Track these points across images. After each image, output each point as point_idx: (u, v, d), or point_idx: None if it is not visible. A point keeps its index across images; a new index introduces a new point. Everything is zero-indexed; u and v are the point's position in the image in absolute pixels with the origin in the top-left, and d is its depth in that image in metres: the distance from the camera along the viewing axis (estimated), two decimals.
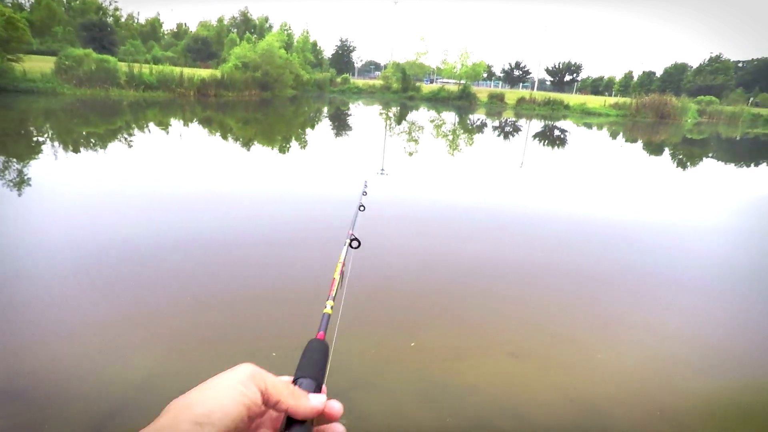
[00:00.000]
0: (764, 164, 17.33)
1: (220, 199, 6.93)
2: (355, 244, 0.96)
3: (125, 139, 12.29)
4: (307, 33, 52.41)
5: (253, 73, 31.75)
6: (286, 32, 47.44)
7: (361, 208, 1.00)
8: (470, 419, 2.69)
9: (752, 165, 16.81)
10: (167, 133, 14.32)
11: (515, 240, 5.95)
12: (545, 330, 3.73)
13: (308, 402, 0.48)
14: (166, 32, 65.86)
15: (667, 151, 18.81)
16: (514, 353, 3.37)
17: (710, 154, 19.01)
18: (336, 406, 0.51)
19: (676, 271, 5.25)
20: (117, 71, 23.94)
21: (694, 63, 69.39)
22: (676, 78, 70.28)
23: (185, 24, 70.22)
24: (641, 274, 5.08)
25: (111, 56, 25.74)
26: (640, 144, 21.61)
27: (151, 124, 16.01)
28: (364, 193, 1.36)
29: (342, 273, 0.84)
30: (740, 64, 74.12)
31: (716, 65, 66.34)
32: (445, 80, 58.41)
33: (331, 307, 0.73)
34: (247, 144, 13.25)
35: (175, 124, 16.96)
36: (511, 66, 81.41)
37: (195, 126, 16.90)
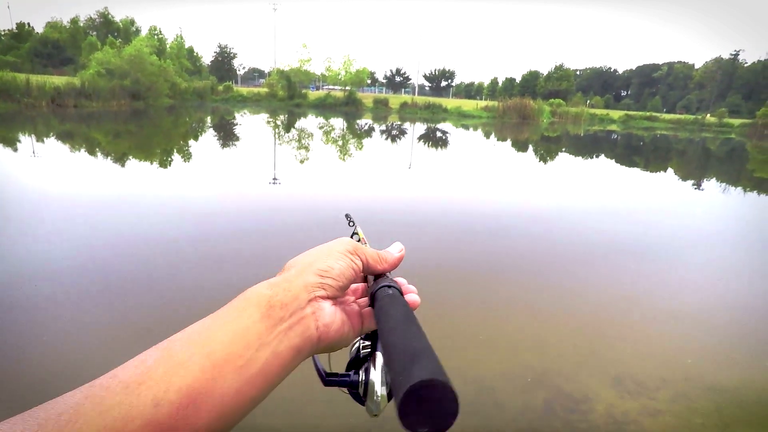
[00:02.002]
0: (603, 155, 20.81)
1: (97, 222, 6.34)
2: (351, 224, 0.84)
3: None
4: (181, 38, 48.88)
5: (121, 81, 28.76)
6: (156, 36, 43.71)
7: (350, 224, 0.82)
8: None
9: (594, 156, 20.08)
10: (15, 150, 12.42)
11: (415, 236, 6.45)
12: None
13: (392, 256, 0.55)
14: (2, 32, 56.13)
15: (531, 148, 21.54)
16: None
17: (563, 149, 22.21)
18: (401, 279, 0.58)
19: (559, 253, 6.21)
20: None
21: (544, 70, 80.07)
22: (531, 83, 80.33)
23: (28, 24, 60.41)
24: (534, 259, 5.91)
25: None
26: (509, 142, 24.36)
27: None
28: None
29: None
30: (578, 72, 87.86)
31: (560, 72, 77.31)
32: (330, 87, 58.97)
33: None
34: (120, 159, 12.09)
35: (25, 140, 14.73)
36: (392, 72, 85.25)
37: (52, 141, 14.86)
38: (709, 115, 57.38)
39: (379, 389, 0.46)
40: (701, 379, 3.47)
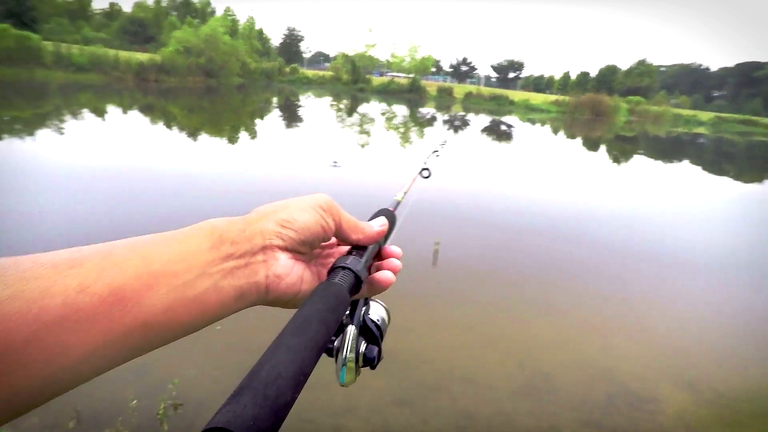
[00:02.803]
0: (687, 161, 19.10)
1: (175, 191, 6.69)
2: (425, 173, 0.91)
3: (56, 126, 11.41)
4: (253, 20, 50.63)
5: (197, 58, 30.35)
6: (230, 18, 45.58)
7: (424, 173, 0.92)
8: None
9: (676, 161, 18.47)
10: (104, 119, 13.45)
11: (480, 235, 6.25)
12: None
13: (371, 228, 0.50)
14: (96, 11, 61.04)
15: (603, 147, 20.22)
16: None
17: (640, 151, 20.62)
18: (395, 249, 0.54)
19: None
20: (41, 50, 22.01)
21: (623, 65, 74.63)
22: (608, 79, 75.17)
23: (118, 4, 65.35)
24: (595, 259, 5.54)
25: (33, 33, 23.61)
26: (579, 140, 23.03)
27: (85, 111, 14.93)
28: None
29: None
30: (662, 68, 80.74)
31: (642, 68, 71.68)
32: (394, 73, 58.76)
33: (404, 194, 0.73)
34: (193, 134, 12.74)
35: (113, 110, 15.93)
36: (458, 61, 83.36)
37: (135, 114, 15.97)
38: None
39: (345, 358, 0.49)
40: None
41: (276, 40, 69.37)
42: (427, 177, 0.91)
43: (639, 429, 2.73)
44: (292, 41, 71.78)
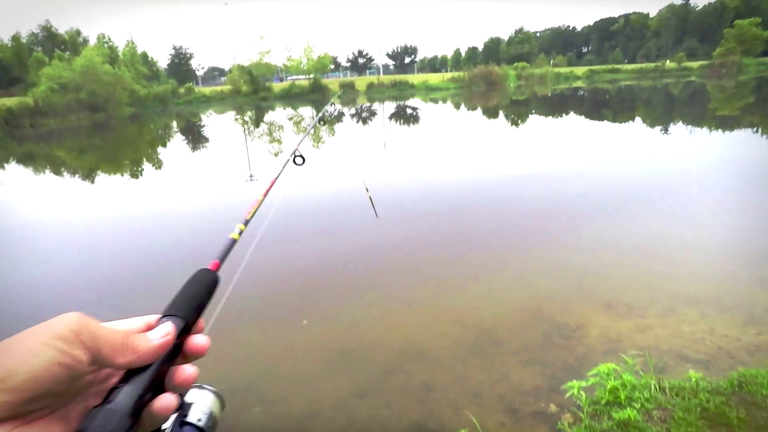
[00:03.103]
0: (572, 112, 21.05)
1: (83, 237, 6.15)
2: (299, 160, 0.79)
3: None
4: (133, 44, 46.97)
5: (76, 94, 27.62)
6: (106, 45, 41.91)
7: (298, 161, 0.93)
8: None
9: (563, 114, 20.31)
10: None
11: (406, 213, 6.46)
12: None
13: (148, 343, 0.39)
14: None
15: (501, 114, 21.65)
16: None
17: (533, 111, 22.38)
18: (200, 341, 0.44)
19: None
20: None
21: (505, 36, 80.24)
22: (494, 50, 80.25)
23: None
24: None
25: None
26: (479, 110, 24.42)
27: None
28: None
29: (265, 194, 0.72)
30: (538, 34, 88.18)
31: (521, 36, 77.36)
32: (294, 77, 57.79)
33: (241, 233, 0.61)
34: (89, 176, 11.69)
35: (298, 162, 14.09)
36: (355, 55, 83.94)
37: (13, 167, 14.24)
38: (668, 61, 58.42)
39: None
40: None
41: (163, 61, 65.00)
42: (301, 164, 0.83)
43: (573, 355, 3.08)
44: (180, 60, 67.63)
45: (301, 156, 0.85)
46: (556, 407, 2.60)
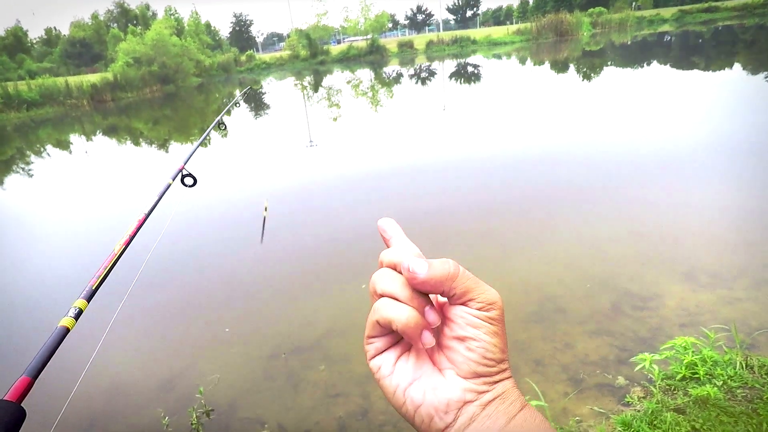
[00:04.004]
0: (654, 61, 18.96)
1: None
2: (189, 180, 0.68)
3: (23, 169, 11.17)
4: (197, 15, 48.62)
5: (149, 67, 29.32)
6: (173, 17, 43.73)
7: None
8: None
9: (643, 64, 18.34)
10: (70, 152, 13.14)
11: (471, 176, 6.29)
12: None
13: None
14: (34, 41, 58.20)
15: (572, 67, 20.01)
16: None
17: (609, 63, 20.43)
18: None
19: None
20: None
21: None
22: None
23: (55, 28, 62.06)
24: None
25: None
26: (547, 65, 22.74)
27: (49, 146, 14.55)
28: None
29: (131, 236, 0.58)
30: None
31: None
32: (352, 38, 57.05)
33: (78, 315, 0.51)
34: (163, 145, 12.52)
35: (76, 140, 15.54)
36: (413, 11, 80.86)
37: (100, 138, 15.59)
38: None
39: None
40: None
41: (225, 30, 66.84)
42: (192, 185, 0.62)
43: (645, 326, 2.88)
44: (241, 28, 69.14)
45: (191, 175, 0.64)
46: (625, 380, 2.46)
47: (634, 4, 60.60)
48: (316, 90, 22.86)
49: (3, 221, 7.03)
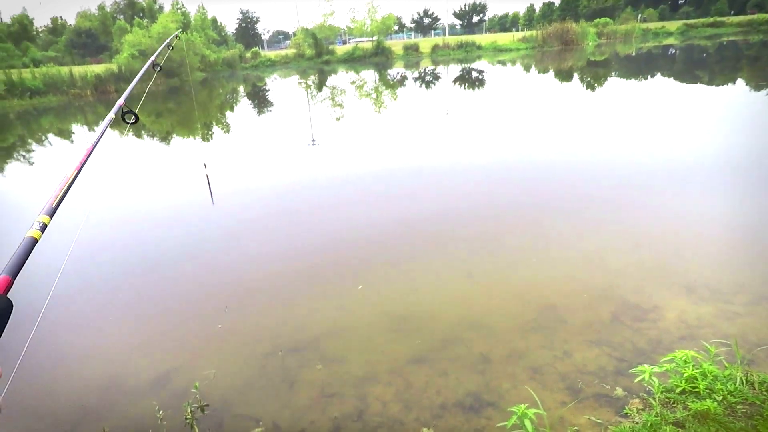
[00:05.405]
0: (658, 74, 18.99)
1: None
2: (130, 117, 0.64)
3: (24, 157, 11.13)
4: (204, 9, 48.52)
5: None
6: (179, 11, 43.66)
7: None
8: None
9: (647, 76, 18.38)
10: (71, 141, 13.10)
11: (467, 180, 6.28)
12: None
13: None
14: (39, 29, 58.07)
15: (576, 77, 20.03)
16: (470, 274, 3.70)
17: (612, 73, 20.46)
18: None
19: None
20: None
21: None
22: (572, 5, 73.32)
23: (61, 17, 61.90)
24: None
25: None
26: (551, 73, 22.77)
27: (51, 135, 14.51)
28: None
29: (82, 162, 0.61)
30: None
31: None
32: (357, 39, 57.04)
33: (44, 228, 0.54)
34: (165, 138, 12.48)
35: (78, 129, 15.50)
36: (419, 15, 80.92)
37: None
38: None
39: None
40: None
41: (231, 26, 66.79)
42: (133, 122, 0.64)
43: (645, 338, 2.86)
44: (247, 25, 69.05)
45: (132, 112, 0.69)
46: (623, 391, 2.45)
47: (639, 16, 60.79)
48: (320, 89, 22.85)
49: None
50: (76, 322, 3.63)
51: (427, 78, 24.59)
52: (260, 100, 20.78)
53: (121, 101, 0.63)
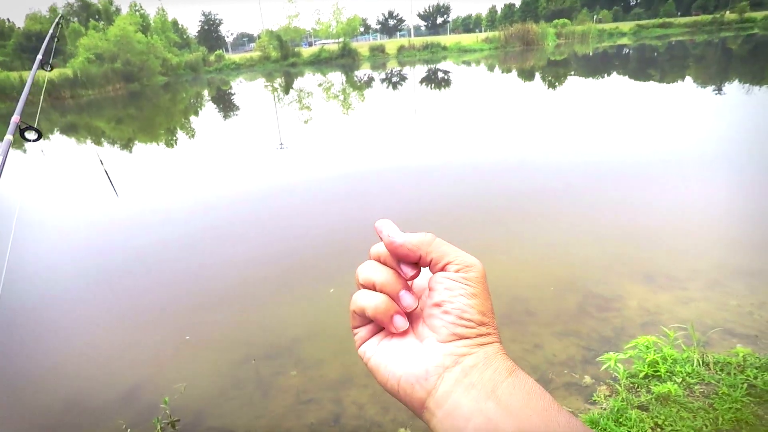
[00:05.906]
0: (614, 72, 19.80)
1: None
2: (32, 134, 0.63)
3: None
4: (164, 11, 47.07)
5: (112, 64, 28.17)
6: (138, 13, 42.21)
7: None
8: None
9: (604, 75, 19.13)
10: (24, 151, 12.45)
11: (435, 180, 6.35)
12: None
13: None
14: None
15: (538, 76, 20.63)
16: None
17: (572, 72, 21.18)
18: None
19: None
20: None
21: None
22: (532, 6, 75.52)
23: (8, 20, 58.72)
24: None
25: None
26: (514, 73, 23.35)
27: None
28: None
29: None
30: None
31: None
32: (323, 41, 56.79)
33: None
34: (127, 145, 12.05)
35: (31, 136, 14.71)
36: (385, 16, 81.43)
37: (58, 137, 14.84)
38: (728, 12, 53.28)
39: None
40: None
41: (193, 29, 65.14)
42: (35, 139, 0.65)
43: (609, 326, 2.98)
44: (210, 27, 67.60)
45: (32, 127, 0.60)
46: (591, 379, 2.54)
47: (595, 17, 63.25)
48: (287, 92, 22.60)
49: None
50: (30, 339, 3.46)
51: (394, 79, 24.74)
52: (226, 104, 20.34)
53: (16, 117, 0.51)
